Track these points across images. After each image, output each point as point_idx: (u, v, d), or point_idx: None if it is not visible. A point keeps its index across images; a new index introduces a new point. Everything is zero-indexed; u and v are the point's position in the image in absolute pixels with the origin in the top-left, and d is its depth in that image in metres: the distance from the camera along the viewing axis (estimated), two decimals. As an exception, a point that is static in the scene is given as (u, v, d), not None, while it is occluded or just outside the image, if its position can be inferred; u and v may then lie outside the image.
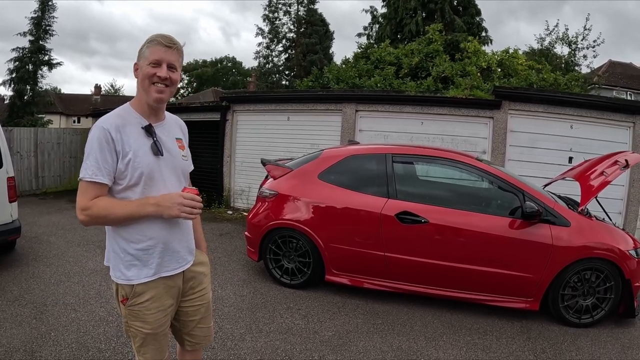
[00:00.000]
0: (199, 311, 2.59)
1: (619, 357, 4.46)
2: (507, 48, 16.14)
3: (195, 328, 2.61)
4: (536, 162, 9.69)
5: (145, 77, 2.20)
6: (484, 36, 25.62)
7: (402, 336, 4.68)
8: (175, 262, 2.36)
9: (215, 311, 4.97)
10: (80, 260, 6.64)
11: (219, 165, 12.22)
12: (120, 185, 2.19)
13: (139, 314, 2.29)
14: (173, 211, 2.15)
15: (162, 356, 2.45)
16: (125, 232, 2.23)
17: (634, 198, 9.52)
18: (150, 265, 2.26)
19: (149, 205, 2.16)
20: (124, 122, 2.20)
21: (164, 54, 2.20)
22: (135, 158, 2.16)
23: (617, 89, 28.98)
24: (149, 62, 2.19)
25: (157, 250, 2.27)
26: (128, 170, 2.16)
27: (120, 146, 2.14)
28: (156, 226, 2.24)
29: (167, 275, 2.33)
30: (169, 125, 2.44)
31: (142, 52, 2.23)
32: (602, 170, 5.57)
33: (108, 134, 2.12)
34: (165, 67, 2.21)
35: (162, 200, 2.16)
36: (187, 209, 2.15)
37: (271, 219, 5.91)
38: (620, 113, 9.55)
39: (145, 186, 2.20)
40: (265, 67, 40.72)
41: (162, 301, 2.34)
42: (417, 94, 10.60)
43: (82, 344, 4.08)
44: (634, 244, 5.25)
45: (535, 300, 5.14)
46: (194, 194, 2.20)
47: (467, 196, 6.23)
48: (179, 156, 2.41)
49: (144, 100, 2.27)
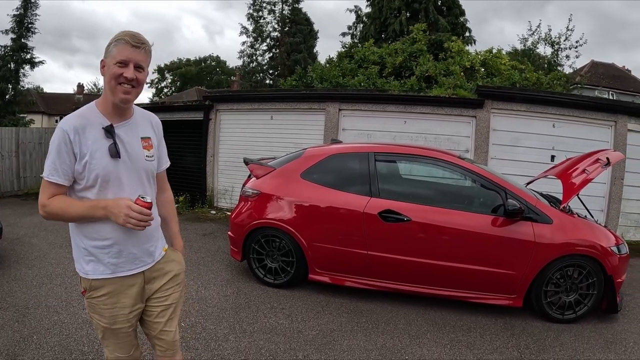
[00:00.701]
0: (165, 313, 2.55)
1: (602, 352, 4.51)
2: (491, 48, 16.28)
3: (163, 331, 2.57)
4: (519, 161, 9.80)
5: (112, 77, 2.16)
6: (468, 36, 25.82)
7: (386, 334, 4.69)
8: (131, 263, 2.35)
9: (198, 311, 4.98)
10: (62, 261, 6.56)
11: (202, 165, 12.16)
12: (79, 185, 2.21)
13: (96, 307, 2.34)
14: (119, 219, 2.13)
15: (124, 352, 2.47)
16: (85, 229, 2.26)
17: (616, 195, 9.65)
18: (107, 263, 2.28)
19: (99, 208, 2.16)
20: (84, 122, 2.19)
21: (132, 54, 2.16)
22: (91, 160, 2.16)
23: (599, 88, 29.30)
24: (115, 61, 2.15)
25: (112, 250, 2.27)
26: (85, 172, 2.17)
27: (78, 148, 2.14)
28: (111, 228, 2.24)
29: (123, 276, 2.34)
30: (135, 124, 2.39)
31: (109, 49, 2.19)
32: (583, 168, 5.63)
33: (66, 135, 2.13)
34: (132, 67, 2.17)
35: (111, 207, 2.14)
36: (133, 221, 2.12)
37: (254, 218, 5.88)
38: (602, 112, 9.69)
39: (100, 188, 2.21)
40: (249, 66, 40.54)
41: (119, 298, 2.34)
42: (400, 93, 10.66)
43: (65, 347, 4.04)
44: (616, 240, 5.31)
45: (518, 297, 5.17)
46: (144, 207, 2.14)
47: (449, 194, 6.28)
48: (142, 157, 2.36)
49: (110, 100, 2.23)
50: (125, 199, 2.16)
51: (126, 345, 2.46)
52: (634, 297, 6.14)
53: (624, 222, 9.89)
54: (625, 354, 4.49)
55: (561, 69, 23.15)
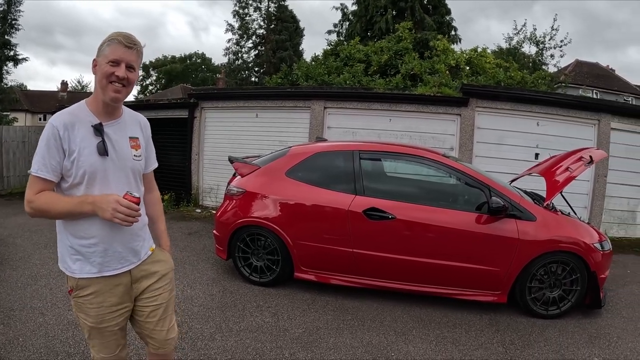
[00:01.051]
0: (157, 312, 2.57)
1: (587, 346, 4.56)
2: (476, 47, 16.43)
3: (154, 330, 2.59)
4: (503, 159, 9.88)
5: (104, 75, 2.21)
6: (454, 35, 25.98)
7: (372, 331, 4.70)
8: (117, 262, 2.37)
9: (184, 311, 4.95)
10: (47, 262, 6.47)
11: (187, 163, 12.08)
12: (67, 182, 2.23)
13: (82, 306, 2.36)
14: (106, 214, 2.14)
15: (109, 352, 2.47)
16: (72, 228, 2.28)
17: (599, 193, 9.77)
18: (93, 262, 2.31)
19: (86, 203, 2.17)
20: (74, 120, 2.22)
21: (124, 54, 2.21)
22: (79, 157, 2.19)
23: (583, 87, 29.63)
24: (108, 60, 2.20)
25: (98, 249, 2.30)
26: (73, 168, 2.20)
27: (67, 144, 2.17)
28: (97, 225, 2.27)
29: (109, 275, 2.36)
30: (124, 124, 2.43)
31: (102, 49, 2.23)
32: (567, 166, 5.68)
33: (56, 131, 2.16)
34: (124, 67, 2.22)
35: (99, 201, 2.16)
36: (121, 216, 2.13)
37: (239, 216, 5.86)
38: (585, 111, 9.80)
39: (87, 185, 2.23)
40: (234, 64, 40.43)
41: (105, 297, 2.36)
42: (385, 91, 10.68)
43: (51, 349, 3.99)
44: (599, 237, 5.37)
45: (503, 293, 5.22)
46: (132, 202, 2.16)
47: (434, 192, 6.31)
48: (130, 156, 2.39)
49: (100, 98, 2.27)
50: (113, 194, 2.19)
51: (112, 345, 2.46)
52: (618, 292, 6.23)
53: (607, 219, 10.02)
54: (609, 348, 4.55)
55: (546, 68, 23.36)
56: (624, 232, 10.16)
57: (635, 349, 4.57)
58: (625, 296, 6.13)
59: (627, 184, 10.01)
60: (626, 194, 10.06)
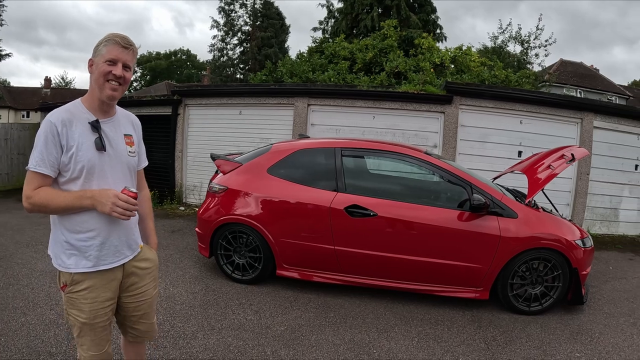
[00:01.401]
0: (141, 307, 2.67)
1: (569, 342, 4.61)
2: (461, 45, 16.49)
3: (138, 322, 2.71)
4: (486, 156, 9.96)
5: (101, 74, 2.31)
6: (439, 33, 26.00)
7: (354, 329, 4.71)
8: (113, 255, 2.44)
9: (166, 309, 4.92)
10: (29, 261, 6.39)
11: (170, 161, 11.99)
12: (64, 177, 2.29)
13: (76, 302, 2.39)
14: (105, 208, 2.23)
15: (99, 349, 2.49)
16: (68, 222, 2.33)
17: (582, 190, 9.87)
18: (89, 257, 2.36)
19: (86, 198, 2.25)
20: (71, 117, 2.30)
21: (121, 53, 2.33)
22: (78, 152, 2.26)
23: (567, 86, 29.95)
24: (105, 59, 2.30)
25: (95, 242, 2.36)
26: (71, 163, 2.26)
27: (65, 140, 2.24)
28: (95, 219, 2.33)
29: (105, 269, 2.41)
30: (118, 121, 2.52)
31: (99, 49, 2.33)
32: (549, 163, 5.73)
33: (54, 128, 2.23)
34: (121, 66, 2.33)
35: (99, 196, 2.24)
36: (120, 210, 2.23)
37: (221, 214, 5.83)
38: (569, 109, 9.90)
39: (85, 180, 2.30)
40: (220, 61, 40.21)
41: (99, 292, 2.41)
42: (369, 89, 10.67)
43: (33, 349, 3.95)
44: (581, 234, 5.42)
45: (485, 289, 5.25)
46: (130, 196, 2.27)
47: (416, 189, 6.32)
48: (125, 152, 2.49)
49: (96, 96, 2.37)
50: (111, 189, 2.29)
51: (102, 341, 2.50)
52: (600, 288, 6.30)
53: (589, 216, 10.12)
54: (591, 344, 4.60)
55: (530, 67, 23.50)
56: (607, 229, 10.28)
57: (617, 344, 4.62)
58: (608, 292, 6.20)
59: (610, 182, 10.16)
60: (608, 192, 10.20)
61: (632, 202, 10.34)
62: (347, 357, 4.14)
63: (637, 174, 10.26)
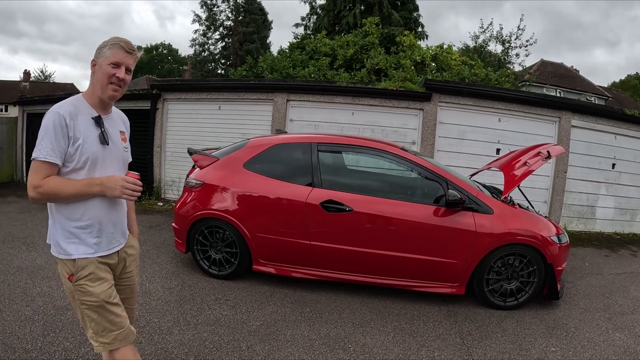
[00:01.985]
0: (124, 291, 2.78)
1: (544, 337, 4.66)
2: (442, 44, 16.62)
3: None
4: (465, 153, 10.04)
5: (105, 75, 2.44)
6: (421, 31, 26.13)
7: (330, 324, 4.71)
8: (109, 242, 2.57)
9: (142, 305, 4.89)
10: (5, 258, 6.26)
11: (149, 156, 11.87)
12: (67, 168, 2.40)
13: (86, 287, 2.46)
14: (115, 192, 2.40)
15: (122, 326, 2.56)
16: (67, 210, 2.44)
17: (559, 188, 9.98)
18: (89, 243, 2.48)
19: (95, 185, 2.39)
20: (76, 110, 2.42)
21: (124, 58, 2.48)
22: (84, 144, 2.40)
23: (547, 86, 30.29)
24: (109, 62, 2.44)
25: (94, 229, 2.49)
26: (76, 154, 2.39)
27: (72, 132, 2.36)
28: (95, 207, 2.47)
29: (103, 255, 2.54)
30: (114, 119, 2.67)
31: (103, 51, 2.46)
32: (525, 160, 5.78)
33: (63, 119, 2.33)
34: (124, 69, 2.48)
35: (107, 182, 2.40)
36: (128, 192, 2.41)
37: (198, 209, 5.79)
38: (547, 108, 10.01)
39: (89, 170, 2.43)
40: (201, 55, 39.95)
41: (102, 274, 2.52)
42: (348, 85, 10.67)
43: (8, 345, 3.89)
44: (556, 230, 5.49)
45: (461, 285, 5.29)
46: (135, 178, 2.46)
47: (392, 185, 6.35)
48: (121, 147, 2.67)
49: (97, 95, 2.50)
50: (117, 175, 2.48)
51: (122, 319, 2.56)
52: (575, 284, 6.38)
53: (566, 213, 10.25)
54: (567, 339, 4.66)
55: (511, 67, 23.68)
56: (583, 226, 10.42)
57: (592, 339, 4.69)
58: (583, 288, 6.29)
59: (587, 180, 10.30)
60: (585, 190, 10.33)
61: (609, 200, 10.49)
62: (323, 352, 4.14)
63: (614, 173, 10.41)
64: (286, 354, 4.07)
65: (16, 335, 4.07)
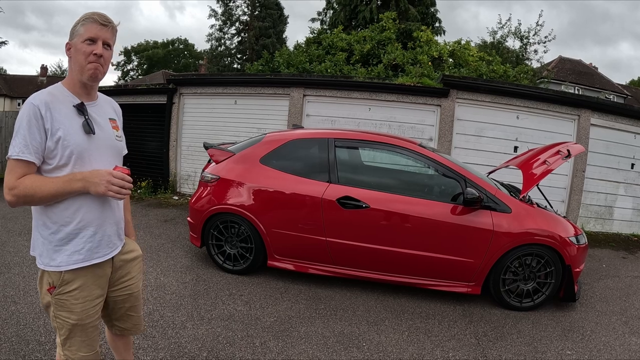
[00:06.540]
0: (128, 300, 2.59)
1: (560, 339, 4.59)
2: (459, 39, 16.47)
3: (124, 315, 2.63)
4: (482, 151, 9.92)
5: (82, 54, 2.17)
6: (438, 26, 25.91)
7: (344, 321, 4.68)
8: (105, 246, 2.32)
9: (156, 299, 4.90)
10: (21, 250, 6.32)
11: (164, 150, 11.93)
12: (50, 165, 2.12)
13: (66, 303, 2.24)
14: (100, 188, 2.10)
15: (90, 350, 2.37)
16: (53, 214, 2.17)
17: (577, 187, 9.84)
18: (80, 250, 2.21)
19: (76, 180, 2.10)
20: (54, 99, 2.14)
21: (100, 31, 2.18)
22: (65, 136, 2.11)
23: (565, 83, 29.93)
24: (84, 39, 2.16)
25: (87, 233, 2.23)
26: (58, 149, 2.10)
27: (49, 124, 2.08)
28: (86, 207, 2.20)
29: (97, 263, 2.29)
30: (101, 106, 2.40)
31: (76, 30, 2.19)
32: (544, 159, 5.68)
33: (37, 110, 2.07)
34: (101, 44, 2.19)
35: (90, 176, 2.11)
36: (115, 188, 2.10)
37: (213, 203, 5.79)
38: (566, 106, 9.85)
39: (75, 166, 2.14)
40: (217, 50, 40.15)
41: (90, 291, 2.29)
42: (365, 80, 10.59)
43: (22, 337, 3.91)
44: (575, 231, 5.39)
45: (477, 284, 5.23)
46: (124, 173, 2.15)
47: (409, 182, 6.28)
48: (112, 136, 2.37)
49: (77, 79, 2.23)
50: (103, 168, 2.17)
51: (93, 342, 2.38)
52: (592, 286, 6.27)
53: (584, 213, 10.10)
54: (582, 342, 4.58)
55: (529, 63, 23.46)
56: (601, 227, 10.26)
57: (608, 343, 4.61)
58: (600, 290, 6.18)
59: (605, 180, 10.12)
60: (604, 190, 10.16)
61: (627, 200, 10.30)
62: (337, 349, 4.12)
63: (633, 173, 10.22)
64: (300, 351, 4.05)
65: (30, 327, 4.10)
